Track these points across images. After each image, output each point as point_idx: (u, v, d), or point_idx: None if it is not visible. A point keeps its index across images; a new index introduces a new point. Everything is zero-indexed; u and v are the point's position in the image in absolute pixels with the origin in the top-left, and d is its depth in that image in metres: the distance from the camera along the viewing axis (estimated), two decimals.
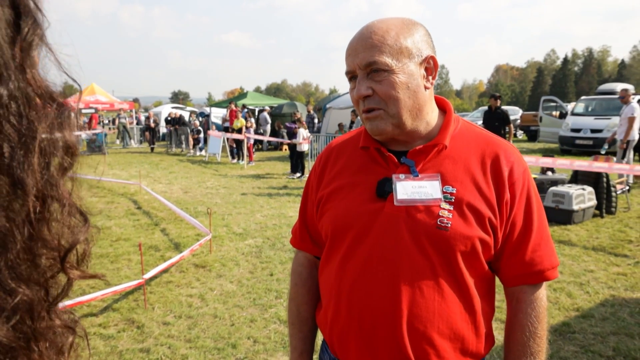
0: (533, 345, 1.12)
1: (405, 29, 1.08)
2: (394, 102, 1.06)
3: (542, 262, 1.12)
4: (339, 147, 1.26)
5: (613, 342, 3.32)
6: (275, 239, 6.04)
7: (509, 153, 1.13)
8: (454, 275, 1.07)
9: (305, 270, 1.34)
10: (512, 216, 1.10)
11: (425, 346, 1.05)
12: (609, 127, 14.29)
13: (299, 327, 1.34)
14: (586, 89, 74.61)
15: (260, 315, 3.85)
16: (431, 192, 1.08)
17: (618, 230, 6.29)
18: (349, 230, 1.12)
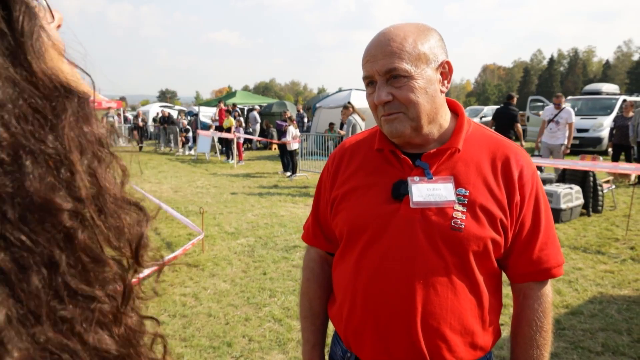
0: (539, 339, 1.17)
1: (422, 35, 1.11)
2: (414, 107, 1.09)
3: (549, 260, 1.16)
4: (353, 147, 1.29)
5: (602, 338, 3.39)
6: (268, 238, 6.05)
7: (519, 156, 1.17)
8: (466, 274, 1.11)
9: (317, 266, 1.37)
10: (522, 216, 1.14)
11: (438, 341, 1.09)
12: (595, 127, 14.52)
13: (311, 321, 1.37)
14: (572, 88, 75.67)
15: (255, 314, 3.86)
16: (445, 194, 1.12)
17: (605, 228, 6.40)
18: (365, 230, 1.15)
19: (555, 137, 8.84)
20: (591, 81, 70.66)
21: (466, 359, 1.13)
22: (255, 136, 17.39)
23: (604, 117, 14.67)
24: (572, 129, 8.83)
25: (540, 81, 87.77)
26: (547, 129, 8.94)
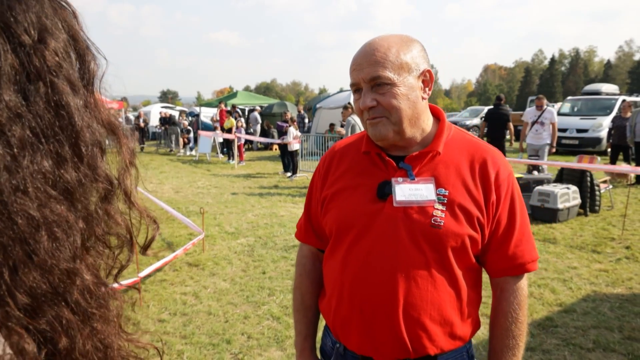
0: (515, 330, 1.24)
1: (404, 46, 1.19)
2: (396, 112, 1.17)
3: (524, 256, 1.24)
4: (342, 150, 1.38)
5: (593, 335, 3.46)
6: (267, 238, 6.13)
7: (495, 159, 1.25)
8: (445, 268, 1.19)
9: (309, 262, 1.46)
10: (498, 215, 1.22)
11: (419, 331, 1.17)
12: (594, 127, 14.56)
13: (303, 313, 1.46)
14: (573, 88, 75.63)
15: (254, 312, 3.94)
16: (426, 194, 1.20)
17: (601, 228, 6.47)
18: (352, 227, 1.23)
19: (541, 137, 8.93)
20: (592, 81, 70.62)
21: (446, 347, 1.20)
22: (256, 136, 17.47)
23: (603, 118, 14.71)
24: (556, 129, 8.93)
25: (542, 81, 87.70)
26: (533, 130, 9.03)
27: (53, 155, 0.46)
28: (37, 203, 0.44)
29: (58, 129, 0.47)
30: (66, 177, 0.47)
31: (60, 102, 0.47)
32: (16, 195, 0.43)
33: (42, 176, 0.45)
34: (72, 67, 0.50)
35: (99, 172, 0.51)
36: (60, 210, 0.46)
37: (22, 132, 0.44)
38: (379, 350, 1.21)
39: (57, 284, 0.45)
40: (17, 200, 0.42)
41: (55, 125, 0.47)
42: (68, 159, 0.47)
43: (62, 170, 0.47)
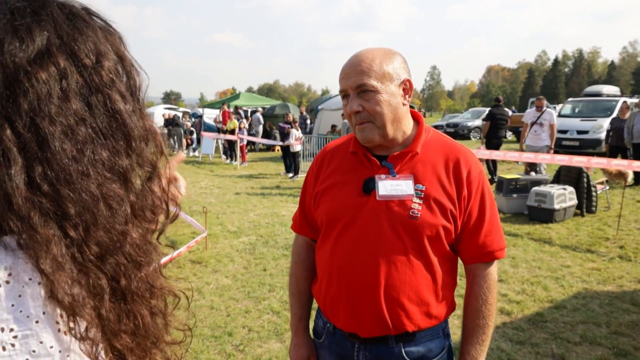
0: (485, 310, 1.40)
1: (387, 58, 1.34)
2: (380, 116, 1.32)
3: (492, 245, 1.39)
4: (332, 150, 1.53)
5: (581, 330, 3.59)
6: (269, 237, 6.28)
7: (467, 158, 1.40)
8: (422, 255, 1.34)
9: (304, 251, 1.61)
10: (469, 208, 1.37)
11: (398, 310, 1.32)
12: (595, 129, 14.65)
13: (297, 297, 1.62)
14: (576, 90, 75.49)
15: (255, 306, 4.09)
16: (405, 189, 1.35)
17: (597, 228, 6.59)
18: (340, 219, 1.39)
19: (540, 139, 9.02)
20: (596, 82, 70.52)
21: (422, 325, 1.35)
22: (258, 138, 17.63)
23: (604, 119, 14.79)
24: (555, 130, 9.02)
25: (545, 82, 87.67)
26: (532, 131, 9.10)
27: (110, 147, 0.63)
28: (96, 183, 0.60)
29: (114, 128, 0.64)
30: (120, 163, 0.64)
31: (114, 108, 0.64)
32: (82, 177, 0.59)
33: (101, 163, 0.61)
34: (122, 81, 0.66)
35: (145, 159, 0.68)
36: (114, 188, 0.62)
37: (85, 131, 0.60)
38: (363, 327, 1.36)
39: (115, 240, 0.62)
40: (82, 181, 0.59)
41: (112, 126, 0.64)
42: (122, 150, 0.64)
43: (116, 159, 0.63)
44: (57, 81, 0.59)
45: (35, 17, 0.61)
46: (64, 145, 0.58)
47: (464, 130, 23.31)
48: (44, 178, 0.57)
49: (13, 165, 0.55)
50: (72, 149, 0.59)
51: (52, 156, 0.57)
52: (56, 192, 0.57)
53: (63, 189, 0.58)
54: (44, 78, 0.58)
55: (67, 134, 0.59)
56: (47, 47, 0.60)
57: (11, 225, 0.55)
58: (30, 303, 0.55)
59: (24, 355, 0.54)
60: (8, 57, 0.57)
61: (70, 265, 0.58)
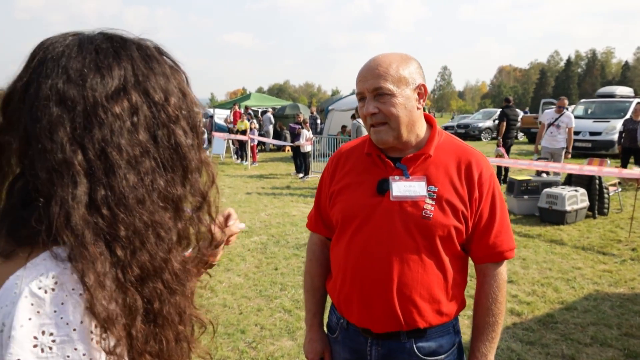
0: (494, 309, 1.44)
1: (403, 63, 1.39)
2: (395, 119, 1.37)
3: (502, 245, 1.43)
4: (347, 152, 1.58)
5: (592, 332, 3.59)
6: (280, 237, 6.34)
7: (479, 161, 1.44)
8: (433, 254, 1.38)
9: (318, 249, 1.66)
10: (480, 210, 1.41)
11: (410, 307, 1.37)
12: (608, 130, 14.51)
13: (312, 294, 1.67)
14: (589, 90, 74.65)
15: (266, 305, 4.15)
16: (418, 190, 1.40)
17: (609, 230, 6.55)
18: (355, 218, 1.43)
19: (556, 140, 8.92)
20: (609, 83, 69.68)
21: (434, 322, 1.39)
22: (269, 138, 17.72)
23: (617, 120, 14.65)
24: (572, 134, 8.91)
25: (557, 83, 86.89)
26: (548, 132, 9.01)
27: (168, 178, 0.69)
28: (150, 211, 0.66)
29: (174, 160, 0.70)
30: (174, 193, 0.70)
31: (176, 142, 0.70)
32: (139, 205, 0.65)
33: (157, 192, 0.68)
34: (184, 117, 0.73)
35: (197, 190, 0.74)
36: (165, 217, 0.69)
37: (149, 162, 0.67)
38: (376, 323, 1.41)
39: (157, 266, 0.67)
40: (138, 208, 0.65)
41: (172, 158, 0.70)
42: (178, 181, 0.71)
43: (172, 189, 0.70)
44: (129, 115, 0.67)
45: (116, 57, 0.69)
46: (127, 174, 0.64)
47: (474, 131, 23.21)
48: (104, 201, 0.63)
49: (78, 187, 0.61)
50: (134, 178, 0.65)
51: (115, 182, 0.64)
52: (113, 215, 0.63)
53: (119, 214, 0.63)
54: (118, 112, 0.66)
55: (131, 164, 0.65)
56: (123, 84, 0.67)
57: (65, 238, 0.61)
58: (70, 311, 0.59)
59: (59, 359, 0.57)
60: (90, 91, 0.65)
61: (111, 283, 0.62)
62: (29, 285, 0.58)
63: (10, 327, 0.57)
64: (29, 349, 0.56)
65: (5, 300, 0.59)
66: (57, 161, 0.62)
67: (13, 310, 0.58)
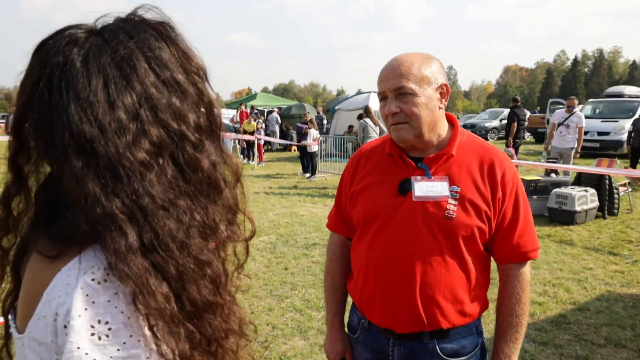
0: (518, 309, 1.43)
1: (425, 62, 1.39)
2: (417, 118, 1.37)
3: (526, 245, 1.42)
4: (368, 152, 1.58)
5: (605, 332, 3.57)
6: (289, 236, 6.34)
7: (502, 160, 1.43)
8: (456, 254, 1.38)
9: (339, 249, 1.66)
10: (503, 210, 1.40)
11: (433, 307, 1.37)
12: (616, 130, 14.42)
13: (332, 293, 1.67)
14: (596, 90, 74.22)
15: (277, 304, 4.15)
16: (441, 190, 1.39)
17: (619, 230, 6.51)
18: (377, 218, 1.43)
19: (565, 140, 8.88)
20: (617, 83, 69.22)
21: (457, 323, 1.39)
22: (275, 138, 17.74)
23: (625, 120, 14.56)
24: (582, 133, 8.87)
25: (564, 83, 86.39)
26: (557, 132, 8.99)
27: (203, 209, 0.70)
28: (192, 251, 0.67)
29: (205, 189, 0.71)
30: (210, 222, 0.71)
31: (203, 170, 0.70)
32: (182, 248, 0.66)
33: (196, 229, 0.68)
34: (205, 133, 0.71)
35: (228, 206, 0.76)
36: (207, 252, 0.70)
37: (182, 202, 0.67)
38: (399, 323, 1.40)
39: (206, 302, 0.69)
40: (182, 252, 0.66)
41: (202, 187, 0.70)
42: (212, 207, 0.72)
43: (208, 218, 0.70)
44: (154, 158, 0.65)
45: (127, 80, 0.65)
46: (166, 221, 0.64)
47: (481, 131, 23.12)
48: (153, 245, 0.63)
49: (128, 237, 0.61)
50: (174, 222, 0.65)
51: (157, 228, 0.63)
52: (164, 257, 0.64)
53: (168, 256, 0.64)
54: (142, 159, 0.64)
55: (167, 209, 0.65)
56: (140, 124, 0.65)
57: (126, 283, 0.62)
58: (123, 300, 0.61)
59: (116, 346, 0.59)
60: (112, 146, 0.62)
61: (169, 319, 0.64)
62: (83, 277, 0.60)
63: (64, 317, 0.60)
64: (87, 338, 0.58)
65: (59, 292, 0.61)
66: (97, 215, 0.61)
67: (68, 301, 0.60)
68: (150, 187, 0.63)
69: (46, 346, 0.64)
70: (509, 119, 10.56)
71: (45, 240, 0.68)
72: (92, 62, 0.64)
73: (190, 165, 0.68)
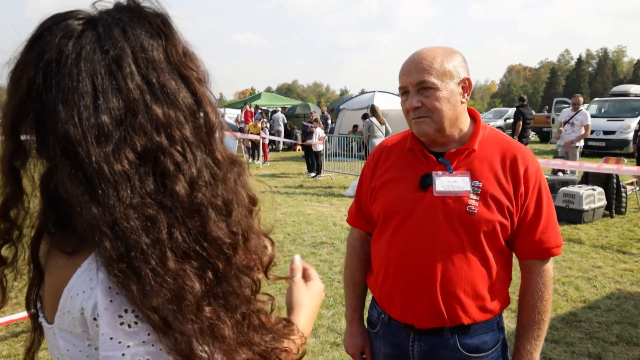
0: (540, 306, 1.42)
1: (447, 56, 1.38)
2: (438, 113, 1.36)
3: (549, 241, 1.41)
4: (389, 147, 1.58)
5: (617, 330, 3.56)
6: (296, 235, 6.35)
7: (525, 155, 1.42)
8: (478, 250, 1.37)
9: (358, 244, 1.66)
10: (526, 205, 1.39)
11: (454, 303, 1.36)
12: (622, 129, 14.37)
13: (352, 288, 1.66)
14: (600, 89, 73.86)
15: None
16: (462, 185, 1.38)
17: (627, 229, 6.48)
18: (397, 213, 1.43)
19: (570, 138, 8.95)
20: (621, 82, 68.85)
21: (478, 319, 1.38)
22: (280, 137, 17.75)
23: (631, 119, 14.51)
24: (588, 131, 8.90)
25: (568, 82, 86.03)
26: (563, 130, 9.05)
27: (186, 230, 0.64)
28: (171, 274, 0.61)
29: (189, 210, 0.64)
30: (193, 246, 0.64)
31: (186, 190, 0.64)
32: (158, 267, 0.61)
33: (175, 252, 0.62)
34: (195, 145, 0.66)
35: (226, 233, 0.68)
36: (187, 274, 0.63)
37: (164, 218, 0.62)
38: (419, 319, 1.40)
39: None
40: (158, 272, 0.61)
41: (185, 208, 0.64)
42: (198, 230, 0.65)
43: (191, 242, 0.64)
44: (134, 170, 0.61)
45: (114, 80, 0.63)
46: (138, 236, 0.60)
47: None
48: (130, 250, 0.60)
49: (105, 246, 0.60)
50: (145, 238, 0.60)
51: (133, 243, 0.59)
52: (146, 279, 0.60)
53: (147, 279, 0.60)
54: (120, 170, 0.60)
55: (145, 223, 0.60)
56: (122, 130, 0.62)
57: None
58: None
59: (146, 330, 0.61)
60: (93, 154, 0.60)
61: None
62: (103, 271, 0.61)
63: (92, 311, 0.61)
64: (117, 327, 0.60)
65: (82, 287, 0.63)
66: (84, 220, 0.60)
67: (93, 296, 0.61)
68: (126, 200, 0.60)
69: (77, 335, 0.66)
70: (515, 117, 10.55)
71: (60, 235, 0.69)
72: (83, 61, 0.62)
73: (167, 182, 0.63)
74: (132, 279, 0.59)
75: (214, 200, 0.67)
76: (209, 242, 0.65)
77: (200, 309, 0.63)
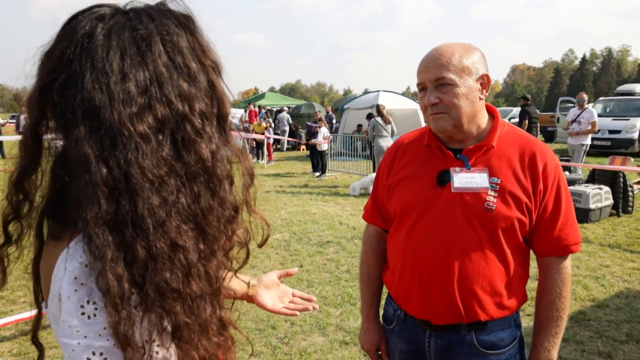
0: (558, 303, 1.41)
1: (466, 53, 1.37)
2: (456, 109, 1.36)
3: (568, 239, 1.40)
4: (406, 143, 1.57)
5: (626, 329, 3.55)
6: (302, 234, 6.35)
7: (544, 152, 1.41)
8: (495, 246, 1.36)
9: (374, 241, 1.66)
10: (545, 202, 1.38)
11: (471, 299, 1.36)
12: (627, 128, 14.30)
13: (368, 285, 1.66)
14: (605, 89, 73.60)
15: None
16: (480, 182, 1.38)
17: (634, 228, 6.46)
18: (414, 209, 1.42)
19: (577, 137, 8.97)
20: (625, 81, 68.52)
21: (495, 315, 1.38)
22: (284, 137, 17.77)
23: (636, 118, 14.43)
24: (595, 127, 8.92)
25: (572, 81, 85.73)
26: (570, 128, 9.09)
27: (192, 195, 0.68)
28: (169, 234, 0.65)
29: (199, 175, 0.69)
30: (198, 211, 0.68)
31: (201, 157, 0.68)
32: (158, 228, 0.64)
33: (179, 214, 0.66)
34: (210, 122, 0.71)
35: (227, 203, 0.73)
36: (186, 238, 0.67)
37: (173, 181, 0.66)
38: (436, 315, 1.40)
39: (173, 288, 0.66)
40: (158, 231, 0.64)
41: (198, 173, 0.69)
42: (204, 196, 0.69)
43: (196, 206, 0.68)
44: (155, 133, 0.65)
45: (141, 57, 0.67)
46: (151, 196, 0.63)
47: None
48: (125, 222, 0.62)
49: (101, 208, 0.61)
50: (157, 199, 0.64)
51: (139, 204, 0.63)
52: (133, 237, 0.62)
53: (139, 236, 0.62)
54: (143, 131, 0.64)
55: (154, 185, 0.64)
56: (147, 98, 0.66)
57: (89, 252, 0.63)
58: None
59: (102, 324, 0.62)
60: (116, 105, 0.64)
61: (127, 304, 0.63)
62: (72, 261, 0.64)
63: (59, 298, 0.65)
64: (77, 317, 0.63)
65: (58, 275, 0.66)
66: (81, 183, 0.62)
67: (61, 283, 0.65)
68: (142, 159, 0.63)
69: (59, 319, 0.69)
70: (521, 116, 10.52)
71: (53, 221, 0.72)
72: (113, 36, 0.67)
73: (187, 148, 0.68)
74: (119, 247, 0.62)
75: (229, 172, 0.74)
76: (224, 209, 0.72)
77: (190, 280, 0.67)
